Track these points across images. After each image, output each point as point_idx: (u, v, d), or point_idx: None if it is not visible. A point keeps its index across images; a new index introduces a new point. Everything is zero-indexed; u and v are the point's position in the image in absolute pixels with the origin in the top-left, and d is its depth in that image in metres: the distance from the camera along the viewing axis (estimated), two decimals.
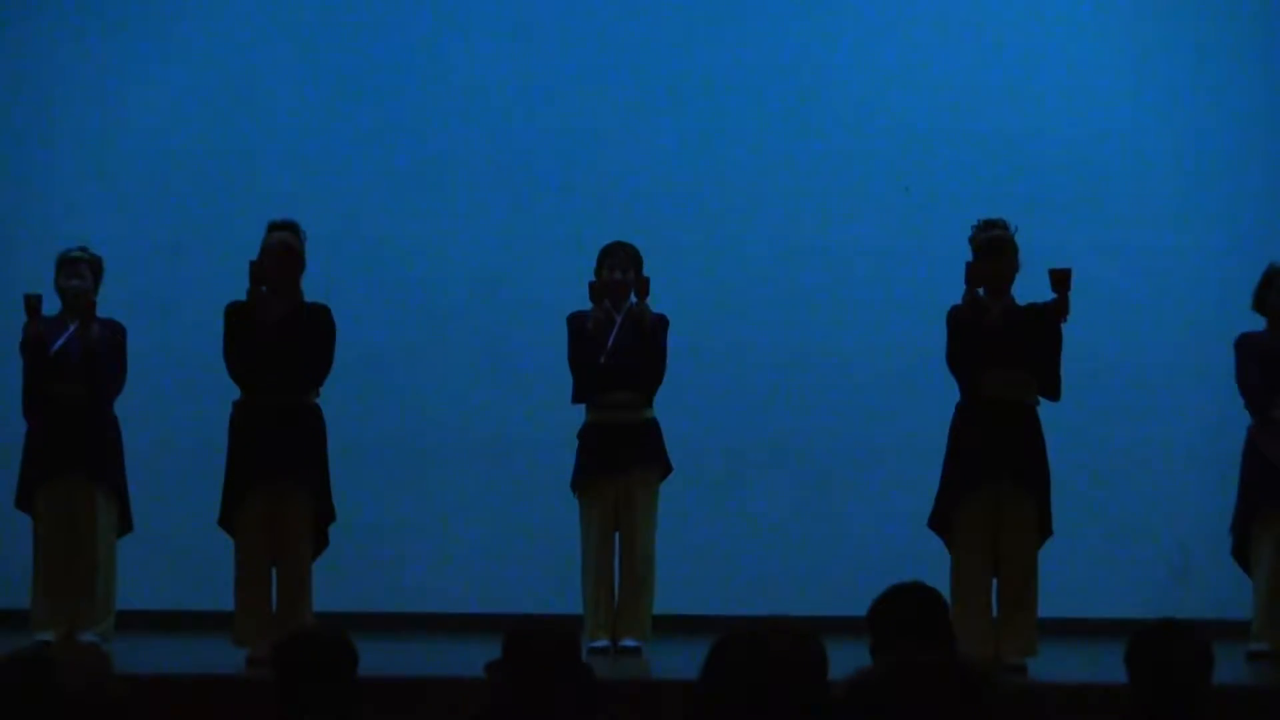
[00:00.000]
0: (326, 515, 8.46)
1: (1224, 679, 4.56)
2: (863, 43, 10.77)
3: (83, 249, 8.89)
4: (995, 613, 8.27)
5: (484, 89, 10.79)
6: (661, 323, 8.72)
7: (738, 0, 10.81)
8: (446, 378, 10.37)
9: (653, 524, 8.72)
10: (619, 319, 8.75)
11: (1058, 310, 8.23)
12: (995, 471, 8.25)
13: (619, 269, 8.76)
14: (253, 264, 8.32)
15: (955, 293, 8.41)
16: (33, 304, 8.82)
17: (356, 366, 9.53)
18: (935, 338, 8.44)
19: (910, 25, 10.77)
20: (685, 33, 10.82)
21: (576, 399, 8.70)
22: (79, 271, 8.85)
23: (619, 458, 8.66)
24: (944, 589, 8.15)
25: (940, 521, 8.37)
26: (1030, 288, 8.42)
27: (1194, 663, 4.31)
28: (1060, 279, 8.23)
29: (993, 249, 8.31)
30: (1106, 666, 5.81)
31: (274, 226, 8.48)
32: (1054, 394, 8.33)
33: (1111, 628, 7.92)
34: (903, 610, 4.50)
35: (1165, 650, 4.31)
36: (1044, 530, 8.34)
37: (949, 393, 8.42)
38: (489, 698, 4.52)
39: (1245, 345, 8.79)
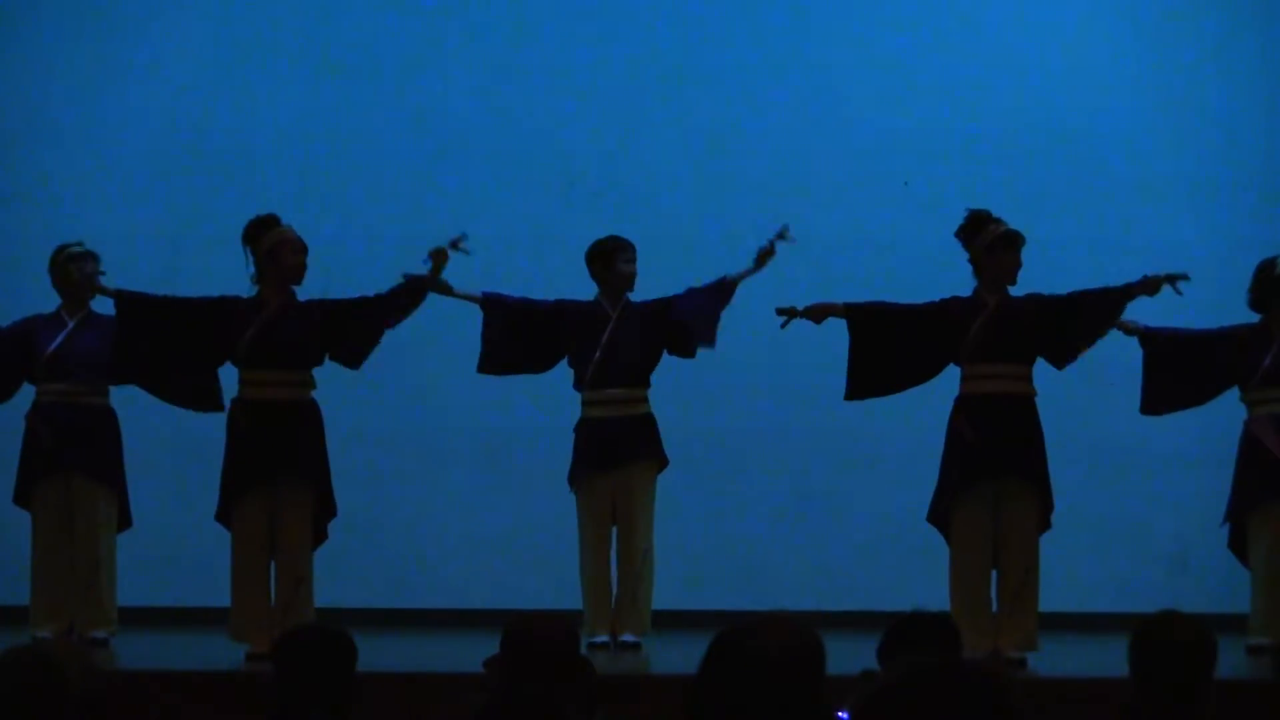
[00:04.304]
0: (328, 511, 8.46)
1: (1223, 673, 4.54)
2: (862, 37, 10.77)
3: (79, 244, 8.88)
4: (995, 607, 8.26)
5: (485, 86, 10.78)
6: None
7: None
8: (445, 374, 10.33)
9: (650, 518, 8.71)
10: (614, 314, 8.74)
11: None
12: (994, 465, 8.24)
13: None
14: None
15: (953, 286, 8.40)
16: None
17: None
18: None
19: (910, 19, 10.76)
20: (689, 30, 10.81)
21: None
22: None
23: (616, 452, 8.65)
24: (943, 584, 8.19)
25: (939, 516, 8.35)
26: (1028, 280, 8.42)
27: (1196, 655, 4.29)
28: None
29: (1014, 242, 8.30)
30: (1107, 661, 5.81)
31: (267, 223, 8.44)
32: (1068, 362, 8.40)
33: (1111, 622, 7.93)
34: (915, 641, 4.50)
35: (1167, 642, 4.29)
36: (1043, 524, 8.33)
37: (948, 386, 8.41)
38: (488, 693, 4.52)
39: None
